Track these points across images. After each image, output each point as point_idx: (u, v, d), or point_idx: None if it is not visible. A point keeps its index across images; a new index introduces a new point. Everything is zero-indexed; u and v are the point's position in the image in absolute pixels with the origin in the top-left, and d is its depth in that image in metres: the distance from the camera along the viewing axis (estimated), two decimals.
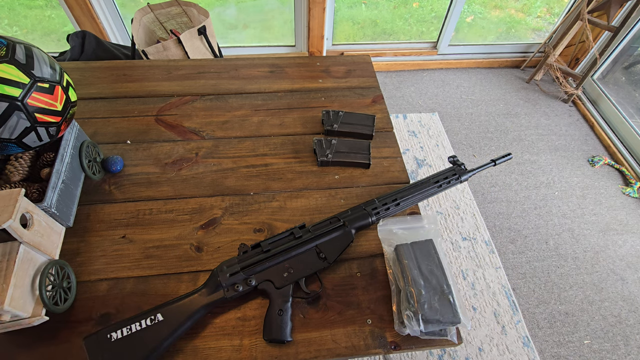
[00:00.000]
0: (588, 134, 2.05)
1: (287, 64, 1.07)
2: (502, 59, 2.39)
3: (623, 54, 2.08)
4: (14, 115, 0.54)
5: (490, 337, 1.31)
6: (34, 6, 2.08)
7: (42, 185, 0.66)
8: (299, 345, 0.57)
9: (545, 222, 1.65)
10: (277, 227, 0.72)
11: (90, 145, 0.75)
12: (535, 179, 1.81)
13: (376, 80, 1.04)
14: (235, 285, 0.58)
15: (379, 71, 2.33)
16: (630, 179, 1.81)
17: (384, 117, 0.94)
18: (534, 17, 2.41)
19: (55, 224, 0.62)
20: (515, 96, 2.23)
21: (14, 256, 0.51)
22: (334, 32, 2.21)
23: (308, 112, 0.94)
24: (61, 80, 0.61)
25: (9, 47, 0.55)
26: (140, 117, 0.90)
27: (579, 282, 1.47)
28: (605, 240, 1.60)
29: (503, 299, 1.40)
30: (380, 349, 0.58)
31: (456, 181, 0.74)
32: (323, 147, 0.82)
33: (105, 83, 0.98)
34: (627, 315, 1.39)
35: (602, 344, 1.32)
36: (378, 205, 0.68)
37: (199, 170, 0.80)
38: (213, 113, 0.92)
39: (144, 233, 0.69)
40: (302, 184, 0.79)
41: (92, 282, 0.63)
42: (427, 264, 0.61)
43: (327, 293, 0.63)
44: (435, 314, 0.56)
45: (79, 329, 0.58)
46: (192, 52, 1.43)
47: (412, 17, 2.31)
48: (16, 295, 0.49)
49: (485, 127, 2.04)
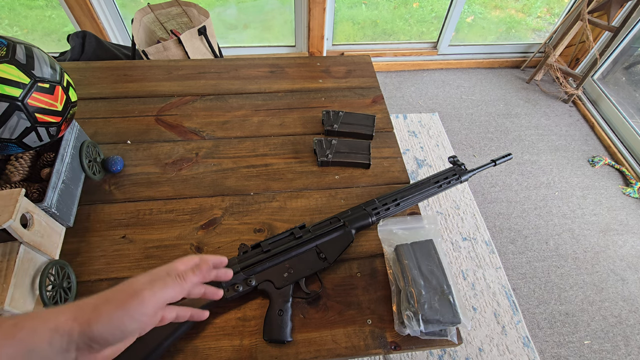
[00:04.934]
0: (588, 134, 2.05)
1: (288, 64, 1.07)
2: (502, 59, 2.39)
3: (623, 54, 2.08)
4: (14, 116, 0.54)
5: (490, 337, 1.30)
6: (34, 6, 2.08)
7: (42, 185, 0.66)
8: (299, 345, 0.57)
9: (546, 222, 1.65)
10: (277, 227, 0.72)
11: (90, 145, 0.75)
12: (536, 179, 1.81)
13: (376, 81, 1.04)
14: (236, 285, 0.58)
15: (379, 71, 2.33)
16: (631, 179, 1.81)
17: (384, 117, 0.94)
18: (534, 17, 2.41)
19: (56, 224, 0.62)
20: (516, 96, 2.23)
21: (14, 256, 0.51)
22: (334, 32, 2.21)
23: (308, 112, 0.94)
24: (61, 80, 0.61)
25: (10, 47, 0.55)
26: (140, 117, 0.90)
27: (579, 282, 1.47)
28: (606, 241, 1.60)
29: (503, 299, 1.40)
30: (381, 349, 0.58)
31: (456, 181, 0.74)
32: (323, 147, 0.82)
33: (105, 83, 0.98)
34: (628, 315, 1.39)
35: (603, 345, 1.32)
36: (378, 206, 0.68)
37: (199, 170, 0.80)
38: (213, 113, 0.92)
39: (144, 233, 0.69)
40: (302, 184, 0.79)
41: (92, 282, 0.63)
42: (427, 264, 0.61)
43: (327, 293, 0.63)
44: (435, 314, 0.56)
45: None
46: (192, 52, 1.43)
47: (412, 17, 2.31)
48: (16, 295, 0.49)
49: (486, 127, 2.04)
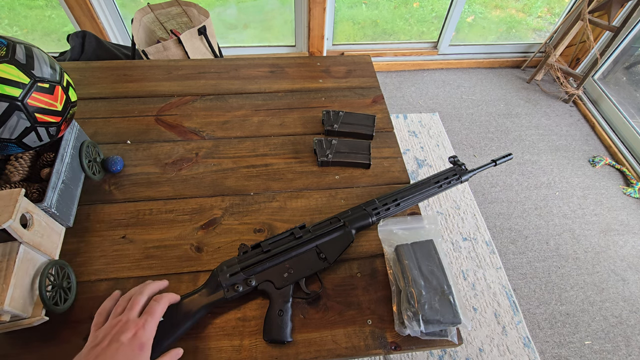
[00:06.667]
0: (589, 134, 2.05)
1: (288, 64, 1.07)
2: (502, 59, 2.38)
3: (624, 54, 2.07)
4: (14, 115, 0.54)
5: (490, 337, 1.30)
6: (34, 6, 2.08)
7: (42, 185, 0.65)
8: (299, 345, 0.57)
9: (546, 222, 1.65)
10: (277, 227, 0.72)
11: (90, 145, 0.75)
12: (536, 179, 1.81)
13: (376, 81, 1.04)
14: (236, 285, 0.58)
15: (379, 71, 2.33)
16: (631, 180, 1.81)
17: (384, 117, 0.94)
18: (535, 17, 2.40)
19: (55, 224, 0.62)
20: (516, 96, 2.23)
21: (14, 256, 0.51)
22: (335, 32, 2.21)
23: (308, 112, 0.94)
24: (61, 80, 0.61)
25: (9, 47, 0.55)
26: (140, 117, 0.90)
27: (579, 282, 1.47)
28: (606, 241, 1.60)
29: (503, 299, 1.40)
30: (381, 349, 0.58)
31: (457, 181, 0.73)
32: (323, 147, 0.82)
33: (105, 83, 0.98)
34: (628, 315, 1.39)
35: (603, 345, 1.32)
36: (378, 206, 0.68)
37: (199, 170, 0.80)
38: (213, 113, 0.92)
39: (144, 233, 0.69)
40: (302, 184, 0.79)
41: (92, 282, 0.63)
42: (427, 265, 0.61)
43: (327, 293, 0.63)
44: (435, 315, 0.56)
45: (79, 329, 0.57)
46: (192, 52, 1.43)
47: (412, 17, 2.31)
48: (16, 296, 0.49)
49: (486, 127, 2.04)
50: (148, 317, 0.48)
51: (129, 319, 0.47)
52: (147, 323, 0.47)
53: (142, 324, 0.47)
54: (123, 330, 0.46)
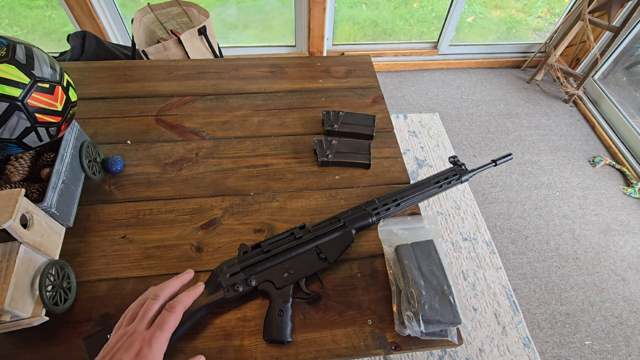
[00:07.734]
0: (589, 134, 2.05)
1: (288, 64, 1.07)
2: (502, 59, 2.38)
3: (624, 54, 2.07)
4: (14, 116, 0.54)
5: (490, 337, 1.30)
6: (34, 6, 2.08)
7: (42, 185, 0.65)
8: (299, 345, 0.57)
9: (546, 222, 1.65)
10: (278, 227, 0.72)
11: (90, 146, 0.75)
12: (536, 180, 1.81)
13: (377, 81, 1.04)
14: (236, 285, 0.58)
15: (379, 71, 2.33)
16: (632, 180, 1.81)
17: (384, 117, 0.94)
18: (535, 17, 2.40)
19: (56, 224, 0.62)
20: (516, 96, 2.23)
21: (14, 256, 0.51)
22: (335, 32, 2.21)
23: (308, 112, 0.94)
24: (61, 80, 0.61)
25: (9, 47, 0.55)
26: (140, 117, 0.90)
27: (579, 282, 1.47)
28: (606, 241, 1.60)
29: (504, 299, 1.40)
30: (381, 349, 0.58)
31: (457, 181, 0.73)
32: (323, 148, 0.82)
33: (105, 83, 0.98)
34: (629, 315, 1.39)
35: (603, 345, 1.31)
36: (378, 206, 0.68)
37: (199, 170, 0.80)
38: (213, 113, 0.92)
39: (144, 233, 0.69)
40: (302, 184, 0.79)
41: (92, 282, 0.63)
42: (427, 265, 0.61)
43: (327, 293, 0.63)
44: (435, 315, 0.56)
45: (79, 329, 0.57)
46: (192, 52, 1.43)
47: (412, 17, 2.31)
48: (16, 296, 0.49)
49: (486, 127, 2.04)
50: (157, 330, 0.42)
51: (136, 330, 0.42)
52: (155, 338, 0.41)
53: (149, 339, 0.41)
54: (127, 346, 0.40)
